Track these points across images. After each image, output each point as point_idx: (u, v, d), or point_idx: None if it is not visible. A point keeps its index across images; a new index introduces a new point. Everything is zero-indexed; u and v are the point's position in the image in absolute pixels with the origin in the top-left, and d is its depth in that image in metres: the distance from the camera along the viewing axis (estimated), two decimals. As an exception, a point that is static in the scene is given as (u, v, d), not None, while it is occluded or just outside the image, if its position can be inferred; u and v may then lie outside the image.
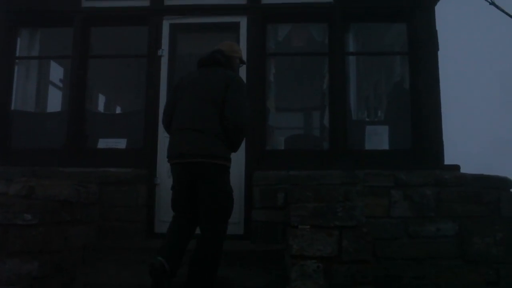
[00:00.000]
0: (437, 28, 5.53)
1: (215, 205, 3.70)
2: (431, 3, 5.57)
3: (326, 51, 5.67)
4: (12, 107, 5.84)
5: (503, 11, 5.42)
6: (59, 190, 4.03)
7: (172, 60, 5.63)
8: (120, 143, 5.63)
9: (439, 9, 5.60)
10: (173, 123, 3.89)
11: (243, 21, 5.62)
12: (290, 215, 3.77)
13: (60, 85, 7.33)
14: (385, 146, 5.52)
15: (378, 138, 5.53)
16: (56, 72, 7.30)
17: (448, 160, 5.22)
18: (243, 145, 4.40)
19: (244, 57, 5.32)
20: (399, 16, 5.74)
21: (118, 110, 10.05)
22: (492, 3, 5.54)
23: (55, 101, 7.20)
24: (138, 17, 5.77)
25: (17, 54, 5.96)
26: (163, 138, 5.34)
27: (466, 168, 5.13)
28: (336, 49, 5.55)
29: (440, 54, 5.41)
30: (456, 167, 5.13)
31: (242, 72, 5.44)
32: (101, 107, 9.21)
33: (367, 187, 4.92)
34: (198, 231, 3.84)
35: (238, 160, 5.10)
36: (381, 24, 6.13)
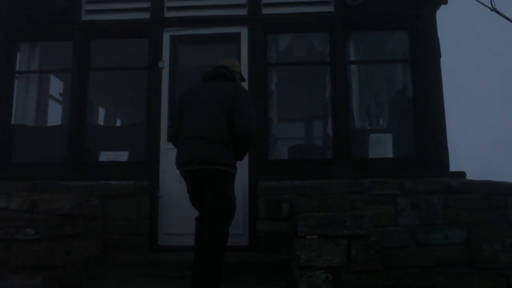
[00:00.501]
0: (439, 35, 5.52)
1: (217, 207, 3.85)
2: (432, 10, 5.56)
3: (328, 60, 5.66)
4: (12, 121, 5.79)
5: (505, 17, 5.41)
6: (61, 204, 3.97)
7: (173, 71, 5.60)
8: (122, 156, 5.58)
9: (440, 16, 5.59)
10: (181, 133, 4.02)
11: (243, 32, 5.61)
12: (297, 225, 3.71)
13: (60, 98, 7.29)
14: (389, 154, 5.48)
15: (382, 146, 5.48)
16: (56, 86, 7.26)
17: (450, 162, 5.18)
18: (246, 155, 4.37)
19: (246, 67, 5.40)
20: (400, 24, 5.74)
21: (119, 123, 10.00)
22: (494, 10, 5.54)
23: (55, 115, 7.16)
24: (138, 29, 5.76)
25: (17, 68, 5.92)
26: (165, 150, 5.31)
27: (467, 169, 5.09)
28: (338, 58, 5.53)
29: (443, 57, 5.39)
30: (462, 174, 5.08)
31: (244, 82, 5.44)
32: (102, 120, 9.17)
33: (373, 196, 4.85)
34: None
35: (241, 170, 5.03)
36: (382, 32, 6.12)
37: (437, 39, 5.51)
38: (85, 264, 4.33)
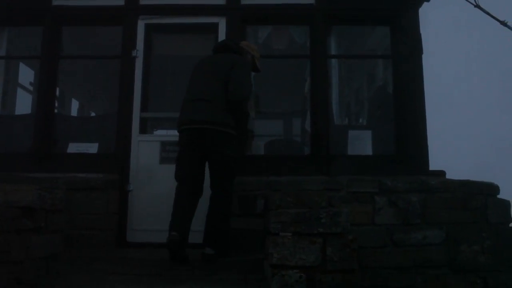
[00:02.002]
0: (422, 31, 5.40)
1: (223, 166, 4.18)
2: (415, 6, 5.44)
3: (308, 53, 5.51)
4: (-24, 110, 5.51)
5: (488, 13, 5.32)
6: (20, 196, 3.70)
7: (147, 61, 5.37)
8: (91, 148, 5.35)
9: (427, 12, 5.48)
10: (185, 96, 4.31)
11: (221, 22, 5.41)
12: (270, 222, 3.52)
13: (31, 88, 7.01)
14: (369, 152, 5.36)
15: (361, 143, 5.36)
16: (27, 74, 6.99)
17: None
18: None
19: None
20: (383, 19, 5.61)
21: (91, 114, 9.70)
22: (477, 6, 5.44)
23: (25, 105, 6.87)
24: (112, 16, 5.51)
25: (-18, 53, 5.64)
26: (137, 143, 5.09)
27: (466, 169, 4.98)
28: (318, 52, 5.37)
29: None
30: (442, 173, 4.98)
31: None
32: (72, 111, 8.85)
33: (351, 193, 4.70)
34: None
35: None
36: (364, 27, 6.00)
37: (420, 35, 5.39)
38: (47, 259, 4.06)
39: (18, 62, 6.55)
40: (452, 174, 5.06)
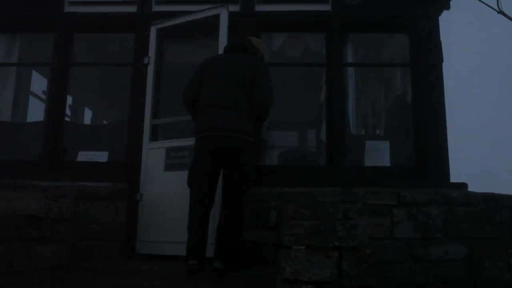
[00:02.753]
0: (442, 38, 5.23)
1: (241, 175, 3.99)
2: (435, 13, 5.27)
3: (324, 62, 5.36)
4: (-13, 117, 5.45)
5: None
6: (25, 204, 3.59)
7: (159, 68, 5.27)
8: (101, 156, 5.25)
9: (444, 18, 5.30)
10: (203, 101, 4.10)
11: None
12: (283, 234, 3.35)
13: (43, 96, 6.96)
14: (386, 163, 5.17)
15: (378, 154, 5.18)
16: (40, 83, 6.96)
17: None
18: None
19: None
20: (401, 26, 5.44)
21: (101, 122, 9.63)
22: (501, 12, 5.25)
23: (38, 113, 6.83)
24: (124, 23, 5.44)
25: (-5, 60, 5.59)
26: (148, 151, 4.95)
27: (465, 169, 4.77)
28: (334, 60, 5.22)
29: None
30: (463, 185, 4.75)
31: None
32: (83, 118, 8.80)
33: (368, 206, 4.51)
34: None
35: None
36: (381, 34, 5.83)
37: (439, 42, 5.21)
38: (52, 271, 3.94)
39: (30, 70, 6.53)
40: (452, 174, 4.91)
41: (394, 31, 5.69)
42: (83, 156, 5.25)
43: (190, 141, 4.52)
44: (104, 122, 9.59)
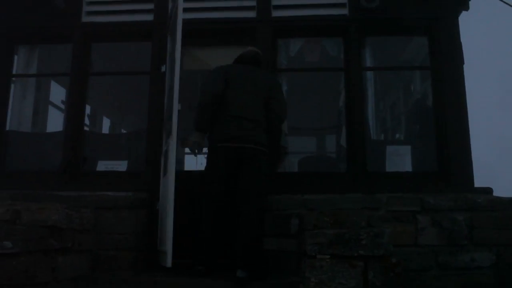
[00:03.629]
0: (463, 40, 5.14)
1: (258, 183, 4.18)
2: (454, 13, 5.18)
3: (342, 66, 5.29)
4: (7, 127, 5.47)
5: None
6: (47, 215, 3.60)
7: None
8: (121, 166, 5.24)
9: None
10: (225, 111, 4.25)
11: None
12: (307, 243, 3.30)
13: (62, 106, 7.01)
14: (408, 168, 5.08)
15: (400, 159, 5.09)
16: (59, 93, 7.01)
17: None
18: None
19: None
20: (420, 28, 5.35)
21: (120, 131, 9.67)
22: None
23: (57, 123, 6.88)
24: (141, 32, 5.44)
25: (14, 71, 5.62)
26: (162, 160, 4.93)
27: None
28: (353, 64, 5.15)
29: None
30: (489, 190, 4.64)
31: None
32: (101, 127, 8.84)
33: (391, 212, 4.43)
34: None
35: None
36: (400, 37, 5.75)
37: (460, 44, 5.12)
38: (74, 282, 3.93)
39: (49, 80, 6.56)
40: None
41: (413, 33, 5.61)
42: (102, 165, 5.24)
43: (168, 143, 4.46)
44: (122, 130, 9.63)
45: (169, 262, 4.03)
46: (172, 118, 4.23)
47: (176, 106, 4.22)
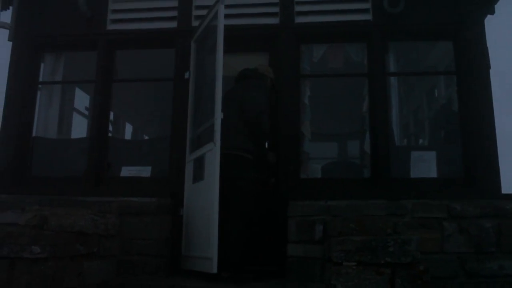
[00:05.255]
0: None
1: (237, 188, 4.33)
2: (480, 17, 5.11)
3: (365, 71, 5.25)
4: (34, 134, 5.56)
5: None
6: (73, 220, 3.64)
7: (200, 83, 5.27)
8: (144, 171, 5.28)
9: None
10: None
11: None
12: (332, 250, 3.27)
13: (86, 113, 7.10)
14: (433, 174, 5.00)
15: (425, 165, 5.01)
16: (83, 99, 7.10)
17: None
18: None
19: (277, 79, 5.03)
20: (445, 33, 5.30)
21: (143, 137, 9.74)
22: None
23: (81, 129, 6.97)
24: (165, 39, 5.49)
25: (40, 79, 5.71)
26: (189, 166, 4.95)
27: None
28: (376, 70, 5.12)
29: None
30: (517, 196, 4.55)
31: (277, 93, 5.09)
32: (125, 134, 8.92)
33: (416, 219, 4.38)
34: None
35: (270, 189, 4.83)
36: (424, 42, 5.69)
37: (486, 49, 5.05)
38: (99, 286, 3.97)
39: (74, 87, 6.66)
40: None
41: (437, 38, 5.55)
42: (126, 171, 5.29)
43: (205, 149, 4.52)
44: (145, 136, 9.70)
45: (214, 268, 4.03)
46: (214, 126, 4.29)
47: (219, 114, 4.26)
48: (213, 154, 4.26)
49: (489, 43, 5.05)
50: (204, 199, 4.38)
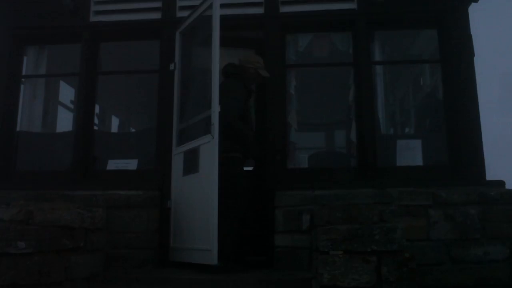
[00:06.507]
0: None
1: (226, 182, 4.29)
2: (464, 5, 5.12)
3: (351, 61, 5.26)
4: (18, 128, 5.50)
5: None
6: (59, 215, 3.62)
7: (185, 74, 5.24)
8: (131, 164, 5.25)
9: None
10: None
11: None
12: (319, 239, 3.29)
13: (71, 106, 7.03)
14: (419, 162, 5.03)
15: (410, 153, 5.04)
16: (67, 93, 7.02)
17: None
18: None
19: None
20: (430, 21, 5.32)
21: (130, 129, 9.67)
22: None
23: (66, 123, 6.89)
24: (150, 30, 5.44)
25: (24, 72, 5.65)
26: (177, 158, 4.93)
27: None
28: (362, 59, 5.13)
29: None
30: (501, 183, 4.61)
31: (261, 84, 5.08)
32: (111, 127, 8.85)
33: (402, 207, 4.42)
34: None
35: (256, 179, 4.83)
36: (409, 30, 5.71)
37: (470, 36, 5.07)
38: (87, 281, 3.95)
39: (58, 80, 6.58)
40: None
41: (422, 26, 5.56)
42: (113, 164, 5.25)
43: (200, 141, 4.51)
44: (131, 129, 9.64)
45: (215, 259, 4.04)
46: (212, 119, 4.28)
47: (216, 106, 4.25)
48: (210, 147, 4.25)
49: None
50: (200, 191, 4.35)
